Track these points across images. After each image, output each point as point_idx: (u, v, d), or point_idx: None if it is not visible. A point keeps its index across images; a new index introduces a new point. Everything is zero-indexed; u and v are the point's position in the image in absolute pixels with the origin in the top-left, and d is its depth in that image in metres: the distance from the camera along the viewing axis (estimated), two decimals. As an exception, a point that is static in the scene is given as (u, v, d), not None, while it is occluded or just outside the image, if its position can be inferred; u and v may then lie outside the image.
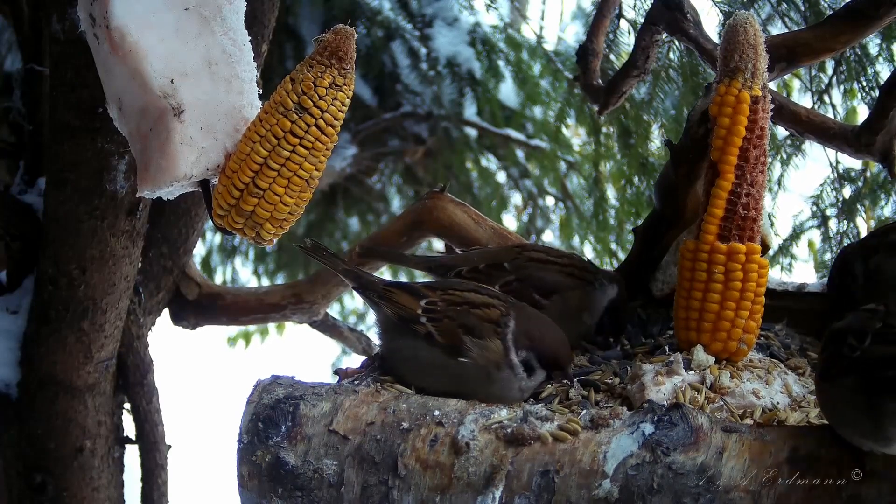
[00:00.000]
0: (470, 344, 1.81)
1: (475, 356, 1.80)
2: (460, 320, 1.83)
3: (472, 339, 1.81)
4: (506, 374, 1.81)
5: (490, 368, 1.80)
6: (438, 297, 1.89)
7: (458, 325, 1.83)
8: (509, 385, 1.81)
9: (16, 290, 2.84)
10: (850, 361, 1.50)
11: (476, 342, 1.81)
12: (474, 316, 1.83)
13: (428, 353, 1.84)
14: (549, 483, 1.57)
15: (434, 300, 1.88)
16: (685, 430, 1.57)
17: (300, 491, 1.65)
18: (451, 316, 1.84)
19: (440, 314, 1.85)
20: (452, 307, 1.86)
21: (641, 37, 2.60)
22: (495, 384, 1.80)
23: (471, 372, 1.80)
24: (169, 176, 1.84)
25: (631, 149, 3.89)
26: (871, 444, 1.48)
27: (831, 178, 3.61)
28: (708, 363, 1.93)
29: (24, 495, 2.84)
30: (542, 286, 2.10)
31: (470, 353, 1.80)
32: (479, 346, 1.80)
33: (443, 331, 1.83)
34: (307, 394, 1.72)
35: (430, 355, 1.83)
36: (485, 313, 1.83)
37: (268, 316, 3.35)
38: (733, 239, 1.95)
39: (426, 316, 1.86)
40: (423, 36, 4.67)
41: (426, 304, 1.88)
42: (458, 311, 1.85)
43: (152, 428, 3.07)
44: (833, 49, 2.30)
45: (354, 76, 1.86)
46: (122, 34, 1.81)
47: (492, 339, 1.81)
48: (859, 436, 1.49)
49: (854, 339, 1.52)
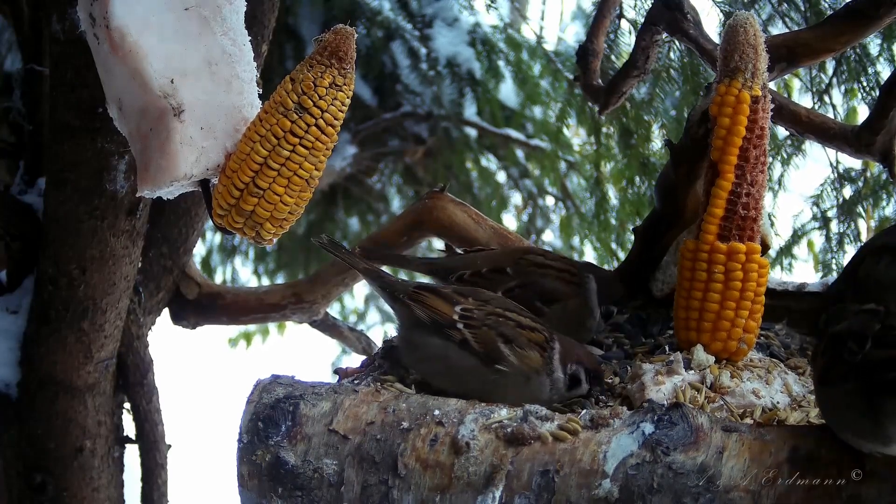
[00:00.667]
0: (508, 352, 1.85)
1: (514, 364, 1.85)
2: (499, 329, 1.88)
3: (510, 348, 1.86)
4: (542, 380, 1.86)
5: (530, 374, 1.85)
6: (473, 304, 1.92)
7: (496, 334, 1.87)
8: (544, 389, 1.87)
9: (16, 290, 2.84)
10: (851, 366, 1.50)
11: (516, 351, 1.86)
12: (520, 334, 1.88)
13: (459, 356, 1.87)
14: (549, 483, 1.57)
15: (469, 307, 1.91)
16: (685, 429, 1.57)
17: (300, 490, 1.65)
18: (489, 325, 1.88)
19: (478, 322, 1.89)
20: (491, 317, 1.90)
21: (641, 37, 2.60)
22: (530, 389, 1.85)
23: (507, 378, 1.85)
24: (169, 176, 1.84)
25: (632, 149, 3.89)
26: (872, 446, 1.49)
27: (831, 178, 3.61)
28: (708, 363, 1.93)
29: (24, 495, 2.84)
30: (545, 294, 2.13)
31: (509, 361, 1.85)
32: (519, 356, 1.85)
33: (480, 339, 1.87)
34: (307, 393, 1.71)
35: (461, 359, 1.87)
36: (530, 335, 1.88)
37: (268, 316, 3.35)
38: (733, 239, 1.95)
39: (463, 322, 1.89)
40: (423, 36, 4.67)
41: (462, 310, 1.91)
42: (497, 321, 1.89)
43: (152, 428, 3.07)
44: (833, 49, 2.30)
45: (354, 76, 1.86)
46: (122, 34, 1.81)
47: (532, 350, 1.87)
48: (860, 438, 1.49)
49: (854, 344, 1.52)
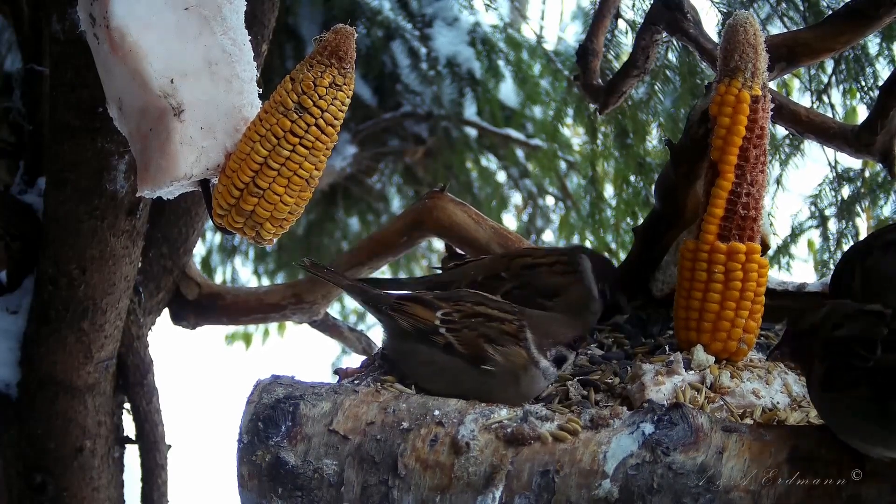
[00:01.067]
0: (493, 352, 1.85)
1: (500, 363, 1.85)
2: (480, 331, 1.88)
3: (494, 347, 1.85)
4: (533, 373, 1.86)
5: (518, 371, 1.85)
6: (452, 308, 1.93)
7: (478, 335, 1.87)
8: (537, 382, 1.87)
9: (16, 290, 2.84)
10: (862, 372, 1.49)
11: (499, 350, 1.85)
12: (495, 328, 1.88)
13: (445, 360, 1.87)
14: (549, 483, 1.57)
15: (449, 311, 1.92)
16: (685, 429, 1.57)
17: (300, 491, 1.65)
18: (469, 327, 1.89)
19: (458, 325, 1.89)
20: (468, 318, 1.90)
21: (641, 37, 2.60)
22: (522, 384, 1.85)
23: (496, 378, 1.84)
24: (169, 176, 1.84)
25: (628, 148, 3.89)
26: (882, 451, 1.48)
27: (830, 178, 3.61)
28: (708, 363, 1.93)
29: (24, 495, 2.84)
30: (544, 290, 2.14)
31: (494, 361, 1.85)
32: (503, 354, 1.85)
33: (463, 341, 1.87)
34: (307, 393, 1.71)
35: (448, 363, 1.87)
36: (501, 327, 1.88)
37: (268, 316, 3.35)
38: (733, 239, 1.95)
39: (445, 327, 1.90)
40: (423, 36, 4.67)
41: (443, 315, 1.91)
42: (474, 322, 1.89)
43: (152, 428, 3.07)
44: (833, 49, 2.30)
45: (354, 76, 1.86)
46: (122, 34, 1.80)
47: (514, 346, 1.86)
48: (869, 443, 1.49)
49: (863, 350, 1.51)
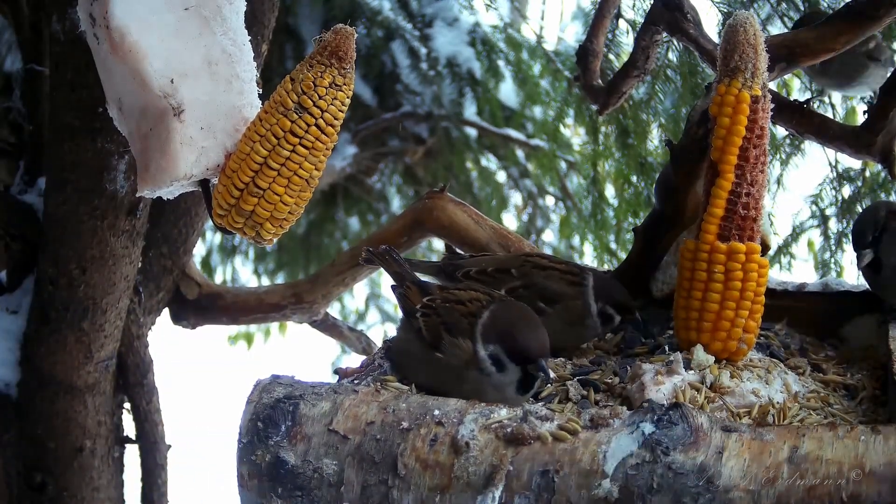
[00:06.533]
0: (447, 341, 1.81)
1: (449, 354, 1.81)
2: (445, 318, 1.84)
3: (448, 337, 1.81)
4: (474, 375, 1.79)
5: (461, 369, 1.80)
6: (440, 294, 1.91)
7: (441, 322, 1.84)
8: (481, 384, 1.78)
9: (16, 290, 2.84)
10: None
11: (451, 340, 1.81)
12: (457, 312, 1.83)
13: (417, 347, 1.86)
14: (548, 483, 1.57)
15: (434, 297, 1.90)
16: (685, 429, 1.57)
17: (300, 491, 1.65)
18: (439, 313, 1.85)
19: (432, 311, 1.87)
20: (444, 304, 1.87)
21: (641, 37, 2.60)
22: (467, 384, 1.78)
23: (446, 370, 1.81)
24: (169, 176, 1.84)
25: (629, 148, 3.89)
26: None
27: (830, 178, 3.62)
28: (708, 363, 1.93)
29: (24, 495, 2.84)
30: (546, 294, 2.13)
31: (445, 351, 1.81)
32: (454, 345, 1.80)
33: (429, 327, 1.85)
34: (307, 393, 1.71)
35: (418, 350, 1.85)
36: (466, 308, 1.82)
37: (268, 316, 3.35)
38: (733, 239, 1.95)
39: (420, 311, 1.88)
40: (423, 36, 4.67)
41: (427, 300, 1.90)
42: (446, 307, 1.86)
43: (152, 428, 3.07)
44: (833, 49, 2.30)
45: (354, 76, 1.86)
46: (122, 34, 1.80)
47: (464, 337, 1.80)
48: None
49: None
